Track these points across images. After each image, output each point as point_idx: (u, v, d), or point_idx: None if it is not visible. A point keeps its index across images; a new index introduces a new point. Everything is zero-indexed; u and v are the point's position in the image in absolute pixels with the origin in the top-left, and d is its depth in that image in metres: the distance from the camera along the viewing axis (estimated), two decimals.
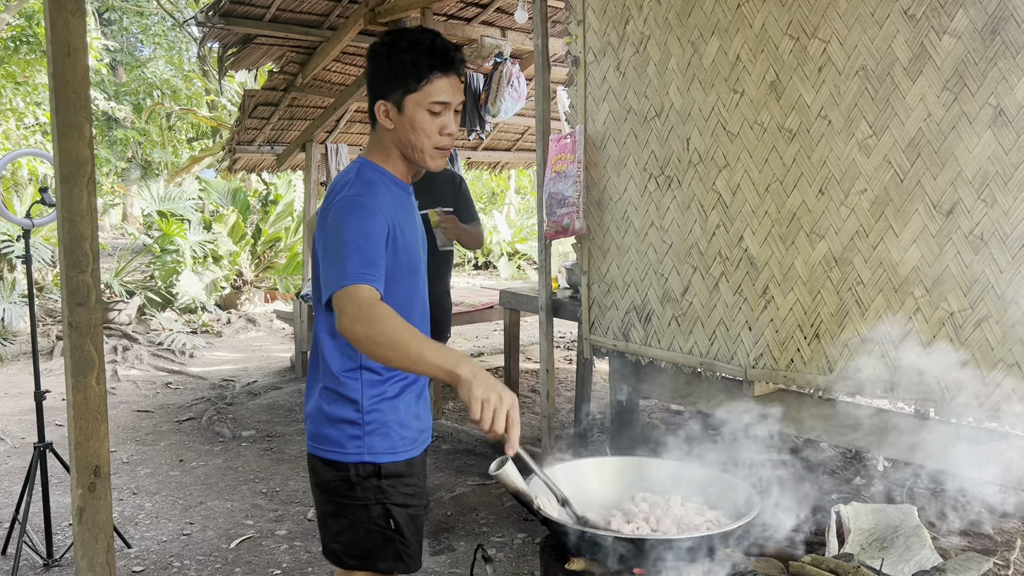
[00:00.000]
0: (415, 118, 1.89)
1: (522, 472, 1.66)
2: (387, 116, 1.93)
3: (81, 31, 2.51)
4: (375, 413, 1.94)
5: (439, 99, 1.89)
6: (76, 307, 2.55)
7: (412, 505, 1.99)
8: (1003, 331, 2.83)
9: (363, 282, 1.74)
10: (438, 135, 1.92)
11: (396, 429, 1.96)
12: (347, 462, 1.94)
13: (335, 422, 1.95)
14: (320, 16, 6.16)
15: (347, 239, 1.78)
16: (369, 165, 1.99)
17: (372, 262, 1.78)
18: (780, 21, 3.29)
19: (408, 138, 1.92)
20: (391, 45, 1.92)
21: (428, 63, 1.88)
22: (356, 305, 1.70)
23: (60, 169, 2.49)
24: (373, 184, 1.93)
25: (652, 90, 3.83)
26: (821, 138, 3.22)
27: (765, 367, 3.51)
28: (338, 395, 1.94)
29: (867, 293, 3.15)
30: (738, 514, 1.68)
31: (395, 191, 1.99)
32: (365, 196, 1.87)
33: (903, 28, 2.94)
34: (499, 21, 6.53)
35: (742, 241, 3.54)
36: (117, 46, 20.10)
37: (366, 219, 1.82)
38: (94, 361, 2.58)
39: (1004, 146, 2.75)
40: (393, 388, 1.96)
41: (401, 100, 1.90)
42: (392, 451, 1.95)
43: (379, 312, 1.70)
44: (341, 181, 1.97)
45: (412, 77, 1.88)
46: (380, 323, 1.67)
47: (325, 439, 1.97)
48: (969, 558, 2.81)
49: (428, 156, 1.94)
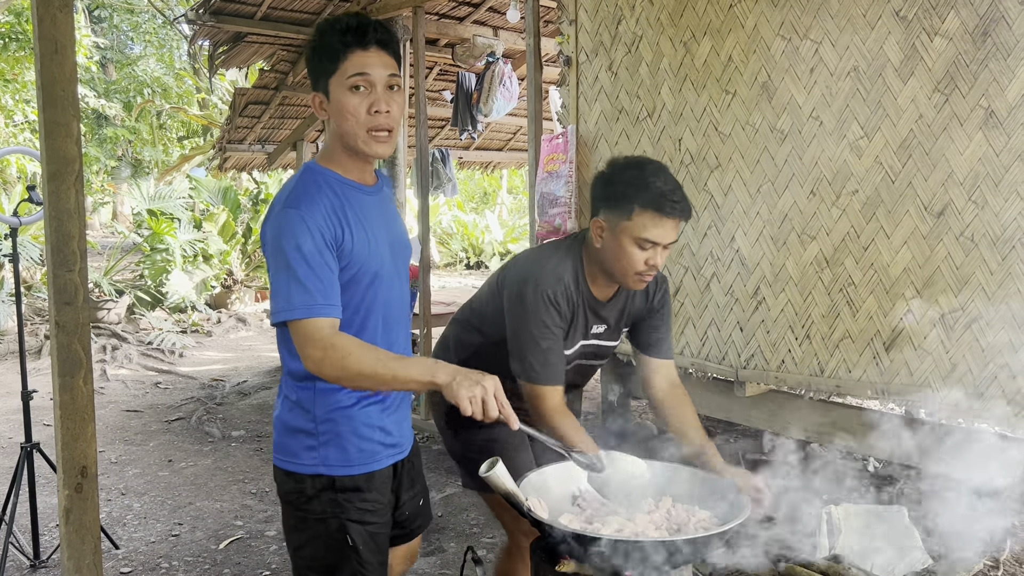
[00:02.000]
0: (340, 100, 1.76)
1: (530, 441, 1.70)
2: (321, 107, 1.81)
3: (69, 28, 2.49)
4: (329, 423, 1.85)
5: (356, 71, 1.75)
6: (63, 306, 2.53)
7: (371, 522, 1.88)
8: (994, 332, 2.83)
9: (314, 315, 1.68)
10: (366, 115, 1.76)
11: (352, 440, 1.85)
12: (303, 473, 1.86)
13: (292, 432, 1.87)
14: (311, 15, 6.13)
15: (288, 262, 1.69)
16: (312, 169, 1.85)
17: (319, 288, 1.69)
18: (772, 22, 3.29)
19: (340, 125, 1.79)
20: (316, 35, 1.81)
21: (341, 39, 1.76)
22: (315, 347, 1.66)
23: (47, 167, 2.47)
24: (312, 190, 1.78)
25: (644, 90, 3.83)
26: (813, 139, 3.22)
27: (756, 368, 3.51)
28: (295, 404, 1.86)
29: (858, 294, 3.16)
30: (728, 515, 1.68)
31: (341, 191, 1.82)
32: (300, 208, 1.74)
33: (895, 29, 2.95)
34: (491, 20, 6.52)
35: (733, 242, 3.54)
36: (107, 43, 20.00)
37: (303, 239, 1.70)
38: (81, 361, 2.56)
39: (995, 148, 2.76)
40: (348, 398, 1.86)
41: (326, 86, 1.78)
42: (347, 464, 1.85)
43: (340, 348, 1.66)
44: (284, 189, 1.84)
45: (328, 58, 1.77)
46: (343, 359, 1.65)
47: (284, 449, 1.89)
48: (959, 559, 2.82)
49: (361, 142, 1.79)
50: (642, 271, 2.07)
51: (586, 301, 2.18)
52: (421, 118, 5.48)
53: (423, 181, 5.51)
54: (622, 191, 2.05)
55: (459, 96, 6.83)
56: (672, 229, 2.04)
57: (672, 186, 2.04)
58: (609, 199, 2.09)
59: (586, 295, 2.18)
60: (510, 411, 1.62)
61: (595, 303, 2.21)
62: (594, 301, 2.20)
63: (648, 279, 2.12)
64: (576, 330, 2.19)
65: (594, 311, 2.21)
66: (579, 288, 2.17)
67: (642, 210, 2.02)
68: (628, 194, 2.04)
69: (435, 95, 7.82)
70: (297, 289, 1.68)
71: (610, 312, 2.25)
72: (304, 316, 1.68)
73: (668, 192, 2.02)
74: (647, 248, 2.04)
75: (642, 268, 2.07)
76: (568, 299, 2.13)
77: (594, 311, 2.21)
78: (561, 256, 2.19)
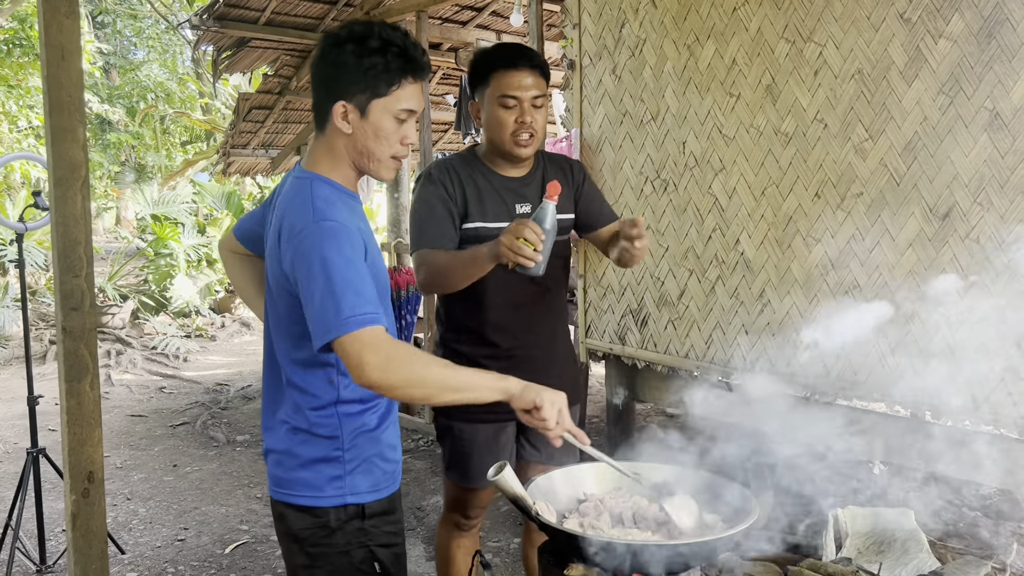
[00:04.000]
0: (380, 125, 1.70)
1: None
2: (345, 119, 1.71)
3: (75, 34, 2.50)
4: (355, 449, 1.76)
5: (408, 106, 1.71)
6: (70, 312, 2.54)
7: (396, 543, 1.85)
8: (1000, 335, 2.82)
9: (369, 324, 1.55)
10: (399, 144, 1.74)
11: (379, 464, 1.79)
12: (326, 506, 1.75)
13: (310, 464, 1.75)
14: (315, 19, 6.15)
15: (336, 272, 1.58)
16: (319, 180, 1.75)
17: (369, 296, 1.59)
18: (776, 25, 3.29)
19: (367, 145, 1.72)
20: (360, 42, 1.69)
21: (401, 67, 1.69)
22: (377, 353, 1.53)
23: (54, 173, 2.48)
24: (333, 202, 1.71)
25: (648, 94, 3.83)
26: (817, 141, 3.22)
27: (761, 371, 3.51)
28: (312, 435, 1.74)
29: (863, 297, 3.15)
30: (736, 518, 1.68)
31: (351, 205, 1.77)
32: (336, 219, 1.66)
33: (899, 32, 2.95)
34: (494, 25, 6.53)
35: (738, 244, 3.54)
36: (111, 49, 20.05)
37: (345, 247, 1.62)
38: (88, 366, 2.56)
39: (1000, 149, 2.75)
40: (372, 419, 1.78)
41: (367, 104, 1.69)
42: (376, 489, 1.79)
43: (402, 354, 1.57)
44: (295, 201, 1.73)
45: (383, 81, 1.68)
46: (409, 365, 1.56)
47: (297, 483, 1.76)
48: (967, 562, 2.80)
49: (383, 166, 1.76)
50: (515, 130, 2.25)
51: (492, 181, 2.34)
52: (424, 122, 5.49)
53: None
54: (479, 67, 2.30)
55: (462, 100, 6.84)
56: (528, 79, 2.24)
57: (520, 47, 2.33)
58: (473, 79, 2.33)
59: (488, 174, 2.34)
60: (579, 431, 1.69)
61: (507, 182, 2.36)
62: (505, 180, 2.36)
63: (526, 142, 2.27)
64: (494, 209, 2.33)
65: (511, 190, 2.36)
66: (473, 167, 2.34)
67: (495, 72, 2.25)
68: (484, 66, 2.28)
69: (439, 99, 7.83)
70: (350, 299, 1.56)
71: (530, 189, 2.39)
72: (362, 326, 1.55)
73: (515, 50, 2.29)
74: (511, 105, 2.23)
75: (513, 127, 2.24)
76: (452, 175, 2.31)
77: (511, 190, 2.36)
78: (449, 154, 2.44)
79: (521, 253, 1.85)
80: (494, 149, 2.32)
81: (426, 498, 4.40)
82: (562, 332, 2.60)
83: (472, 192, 2.31)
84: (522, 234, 1.85)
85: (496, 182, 2.33)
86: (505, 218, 2.31)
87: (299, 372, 1.74)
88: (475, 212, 2.30)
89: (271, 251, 1.76)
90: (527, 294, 2.38)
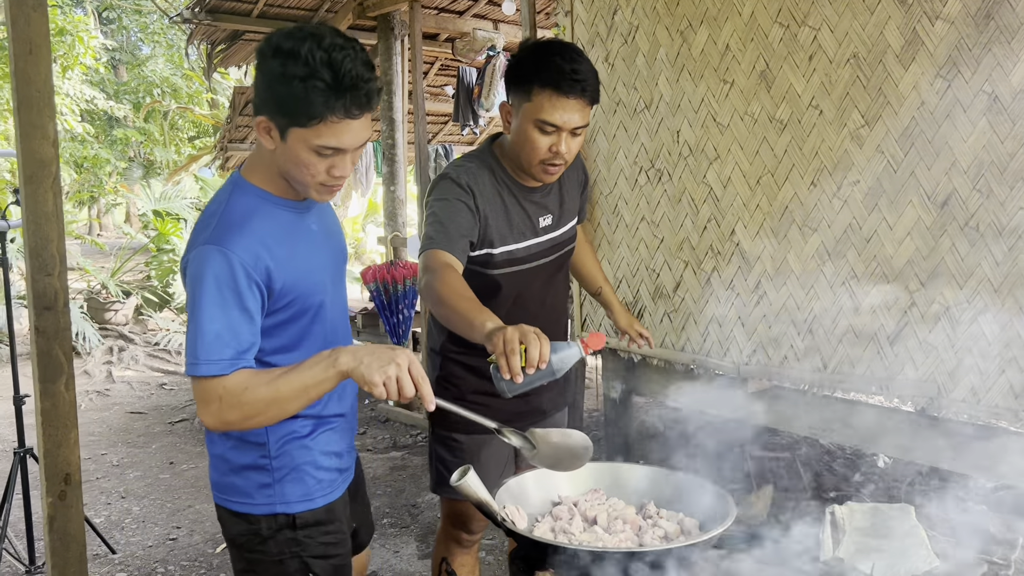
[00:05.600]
0: (299, 155, 1.52)
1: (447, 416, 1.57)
2: (268, 134, 1.54)
3: (43, 28, 2.44)
4: (284, 457, 1.67)
5: (330, 144, 1.50)
6: (43, 311, 2.49)
7: (335, 555, 1.76)
8: (1000, 325, 2.74)
9: (215, 373, 1.47)
10: (325, 175, 1.55)
11: (311, 472, 1.70)
12: (257, 514, 1.68)
13: (241, 469, 1.68)
14: (308, 11, 6.08)
15: (202, 308, 1.49)
16: (244, 189, 1.61)
17: (228, 339, 1.49)
18: (770, 9, 3.20)
19: (288, 169, 1.56)
20: (285, 61, 1.46)
21: (325, 102, 1.45)
22: (208, 404, 1.48)
23: (23, 170, 2.43)
24: (245, 219, 1.56)
25: (641, 81, 3.75)
26: (813, 128, 3.13)
27: (758, 364, 3.43)
28: (240, 440, 1.68)
29: (861, 287, 3.07)
30: (714, 521, 1.61)
31: (278, 214, 1.62)
32: (227, 247, 1.51)
33: (895, 14, 2.85)
34: (491, 14, 6.44)
35: (734, 235, 3.46)
36: (116, 45, 20.06)
37: (224, 280, 1.50)
38: (63, 366, 2.51)
39: (999, 134, 2.66)
40: (304, 426, 1.69)
41: (285, 129, 1.51)
42: (308, 498, 1.70)
43: (232, 389, 1.47)
44: (209, 211, 1.61)
45: (302, 112, 1.47)
46: (239, 400, 1.46)
47: (231, 488, 1.70)
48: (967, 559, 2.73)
49: (312, 190, 1.59)
50: (546, 158, 2.00)
51: (516, 194, 2.13)
52: (419, 114, 5.42)
53: (422, 177, 5.45)
54: (524, 71, 1.97)
55: (460, 91, 6.77)
56: (575, 111, 1.94)
57: (575, 64, 1.92)
58: (512, 81, 2.02)
59: (512, 185, 2.13)
60: (427, 388, 1.44)
61: (530, 194, 2.16)
62: (527, 192, 2.15)
63: (554, 170, 2.04)
64: (520, 227, 2.14)
65: (534, 203, 2.17)
66: (497, 175, 2.11)
67: (540, 89, 1.92)
68: (528, 74, 1.95)
69: (437, 91, 7.76)
70: (205, 343, 1.48)
71: (550, 199, 2.21)
72: (207, 374, 1.48)
73: (568, 70, 1.90)
74: (549, 132, 1.96)
75: (546, 155, 1.99)
76: (475, 179, 2.07)
77: (534, 203, 2.17)
78: (469, 154, 2.18)
79: (510, 362, 1.54)
80: (518, 163, 2.11)
81: (421, 495, 4.34)
82: (562, 334, 2.49)
83: (498, 210, 2.12)
84: (528, 345, 1.54)
85: (520, 194, 2.15)
86: (530, 234, 2.17)
87: None
88: (504, 235, 2.13)
89: (182, 264, 1.65)
90: (536, 303, 2.27)
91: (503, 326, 1.60)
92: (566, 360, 1.59)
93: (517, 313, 2.15)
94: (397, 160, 6.04)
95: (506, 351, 1.53)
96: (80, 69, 13.31)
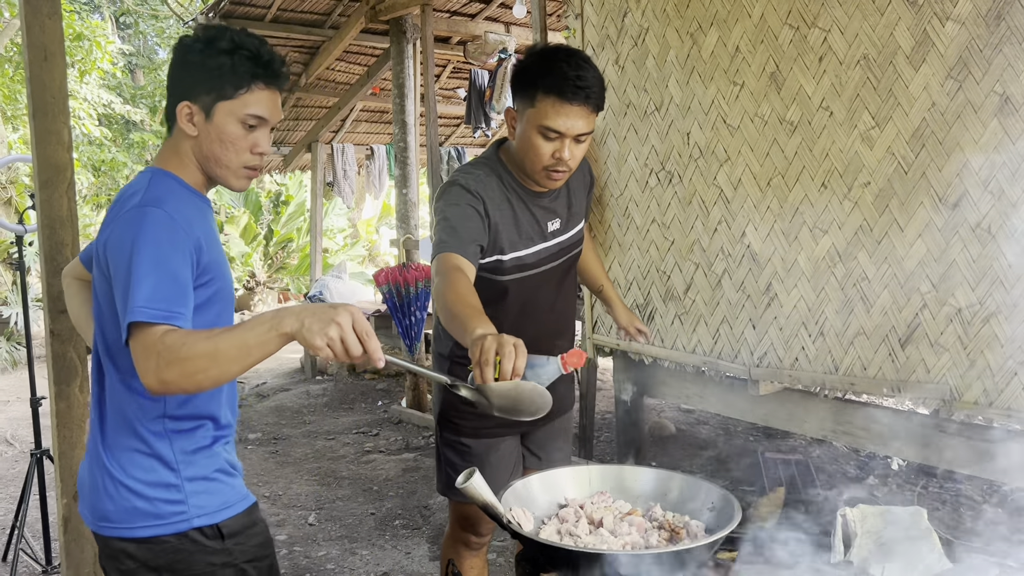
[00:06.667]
0: (225, 129, 1.60)
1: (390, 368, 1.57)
2: (190, 121, 1.61)
3: (58, 35, 2.48)
4: (192, 467, 1.62)
5: (256, 112, 1.61)
6: (58, 314, 2.53)
7: (266, 556, 1.72)
8: (1013, 327, 2.72)
9: (159, 320, 1.41)
10: (248, 153, 1.64)
11: (223, 480, 1.66)
12: (171, 533, 1.59)
13: (143, 492, 1.59)
14: (321, 15, 6.12)
15: (144, 259, 1.45)
16: (162, 174, 1.65)
17: (169, 294, 1.45)
18: (779, 10, 3.20)
19: (213, 151, 1.63)
20: (209, 42, 1.60)
21: (251, 70, 1.60)
22: (148, 356, 1.39)
23: (39, 175, 2.46)
24: (173, 194, 1.61)
25: (651, 84, 3.75)
26: (823, 130, 3.12)
27: (769, 366, 3.43)
28: (143, 455, 1.60)
29: (872, 289, 3.06)
30: (721, 524, 1.61)
31: (198, 204, 1.66)
32: (166, 209, 1.53)
33: (905, 15, 2.84)
34: (503, 17, 6.46)
35: (744, 237, 3.45)
36: (133, 50, 20.22)
37: (164, 237, 1.49)
38: (76, 368, 2.55)
39: (1011, 135, 2.65)
40: (205, 436, 1.65)
41: (212, 106, 1.60)
42: (226, 505, 1.66)
43: (170, 342, 1.39)
44: (128, 191, 1.63)
45: (230, 83, 1.59)
46: (178, 351, 1.37)
47: (134, 515, 1.59)
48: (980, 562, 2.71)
49: (232, 175, 1.65)
50: (549, 165, 2.00)
51: (524, 199, 2.13)
52: (431, 117, 5.44)
53: (435, 180, 5.48)
54: (529, 77, 1.98)
55: (472, 93, 6.79)
56: (578, 117, 1.93)
57: (579, 71, 1.91)
58: (517, 86, 2.02)
59: (520, 190, 2.13)
60: (375, 345, 1.38)
61: (538, 198, 2.16)
62: (535, 196, 2.16)
63: (558, 177, 2.04)
64: (528, 233, 2.14)
65: (542, 207, 2.17)
66: (505, 181, 2.11)
67: (545, 96, 1.93)
68: (533, 80, 1.96)
69: (450, 93, 7.78)
70: (146, 291, 1.42)
71: (558, 203, 2.20)
72: (149, 319, 1.40)
73: (573, 77, 1.90)
74: (552, 138, 1.96)
75: (549, 162, 1.99)
76: (484, 186, 2.07)
77: (542, 207, 2.17)
78: (476, 161, 2.18)
79: (483, 373, 1.52)
80: (522, 169, 2.12)
81: (433, 496, 4.36)
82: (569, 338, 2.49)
83: (507, 216, 2.13)
84: (503, 357, 1.51)
85: (528, 200, 2.16)
86: (539, 239, 2.18)
87: (123, 390, 1.62)
88: (513, 241, 2.13)
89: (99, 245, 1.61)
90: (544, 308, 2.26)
91: (485, 334, 1.57)
92: (543, 376, 1.58)
93: (525, 319, 2.16)
94: (409, 163, 6.06)
95: (481, 361, 1.52)
96: (97, 74, 13.45)
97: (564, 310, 2.35)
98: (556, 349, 2.33)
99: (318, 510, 4.32)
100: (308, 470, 4.96)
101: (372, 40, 6.44)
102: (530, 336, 1.84)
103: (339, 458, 5.18)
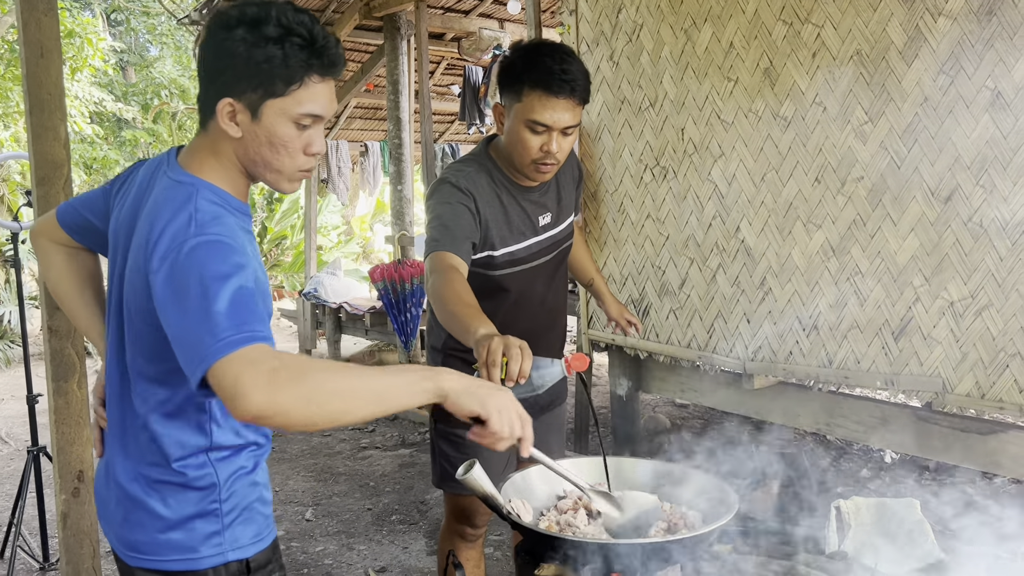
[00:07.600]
0: (276, 131, 1.38)
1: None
2: (233, 120, 1.39)
3: (54, 31, 2.48)
4: (235, 498, 1.49)
5: (312, 110, 1.39)
6: (55, 311, 2.53)
7: None
8: (1004, 320, 2.75)
9: (257, 341, 1.21)
10: (302, 155, 1.42)
11: (259, 509, 1.54)
12: (203, 568, 1.47)
13: (180, 524, 1.46)
14: (315, 12, 6.11)
15: (216, 289, 1.24)
16: (206, 188, 1.41)
17: (258, 314, 1.26)
18: (773, 6, 3.22)
19: (262, 154, 1.41)
20: (254, 27, 1.34)
21: (305, 61, 1.36)
22: (258, 369, 1.17)
23: (36, 172, 2.47)
24: (219, 217, 1.37)
25: (646, 80, 3.76)
26: (816, 125, 3.15)
27: (764, 360, 3.45)
28: (179, 487, 1.46)
29: (865, 283, 3.08)
30: (717, 515, 1.63)
31: (241, 222, 1.43)
32: (222, 233, 1.33)
33: (897, 11, 2.87)
34: (497, 13, 6.47)
35: (739, 232, 3.47)
36: (124, 47, 20.15)
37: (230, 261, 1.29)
38: (75, 365, 2.55)
39: (1002, 130, 2.67)
40: (248, 460, 1.52)
41: (259, 104, 1.37)
42: (258, 538, 1.53)
43: (292, 364, 1.20)
44: (173, 209, 1.37)
45: (280, 78, 1.35)
46: (301, 376, 1.18)
47: (167, 547, 1.46)
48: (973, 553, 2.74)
49: (285, 179, 1.45)
50: (538, 158, 2.04)
51: (514, 194, 2.17)
52: (426, 113, 5.45)
53: (429, 176, 5.48)
54: (515, 72, 2.02)
55: (466, 90, 6.80)
56: (565, 110, 1.98)
57: (564, 65, 1.96)
58: (503, 82, 2.06)
59: (510, 186, 2.17)
60: (530, 432, 1.38)
61: (528, 193, 2.20)
62: (525, 191, 2.19)
63: (547, 170, 2.07)
64: (519, 227, 2.17)
65: (532, 202, 2.21)
66: (494, 177, 2.15)
67: (531, 90, 1.97)
68: (519, 75, 2.00)
69: (444, 90, 7.79)
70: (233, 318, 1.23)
71: (548, 197, 2.24)
72: (247, 344, 1.20)
73: (558, 71, 1.95)
74: (540, 132, 2.00)
75: (537, 155, 2.03)
76: (473, 183, 2.11)
77: (532, 202, 2.21)
78: (466, 158, 2.21)
79: (491, 374, 1.53)
80: (511, 164, 2.15)
81: (430, 491, 4.38)
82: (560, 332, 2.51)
83: (498, 212, 2.15)
84: (510, 359, 1.52)
85: (518, 194, 2.19)
86: (530, 234, 2.21)
87: (162, 420, 1.45)
88: (504, 237, 2.15)
89: (134, 266, 1.41)
90: (536, 303, 2.29)
91: (491, 335, 1.59)
92: (547, 377, 1.61)
93: (517, 314, 2.18)
94: (404, 159, 6.07)
95: (488, 362, 1.53)
96: (89, 71, 13.40)
97: (556, 304, 2.38)
98: (548, 343, 2.37)
99: (315, 506, 4.34)
100: (305, 466, 4.98)
101: (366, 37, 6.44)
102: (522, 330, 1.86)
103: (335, 454, 5.19)
